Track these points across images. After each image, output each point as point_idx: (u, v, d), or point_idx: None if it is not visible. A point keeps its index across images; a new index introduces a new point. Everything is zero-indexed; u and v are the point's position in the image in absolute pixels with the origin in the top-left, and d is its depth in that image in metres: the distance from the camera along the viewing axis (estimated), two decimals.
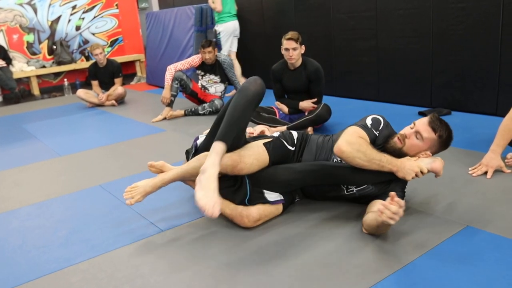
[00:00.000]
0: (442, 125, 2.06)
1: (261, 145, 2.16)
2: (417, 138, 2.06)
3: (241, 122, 2.03)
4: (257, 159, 2.09)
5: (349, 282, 1.67)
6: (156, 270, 1.86)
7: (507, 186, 2.39)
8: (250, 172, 2.09)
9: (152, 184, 2.20)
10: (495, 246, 1.82)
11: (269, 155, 2.14)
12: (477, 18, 3.75)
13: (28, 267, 1.98)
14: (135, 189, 2.20)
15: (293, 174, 2.13)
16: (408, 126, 2.12)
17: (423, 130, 2.04)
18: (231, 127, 2.00)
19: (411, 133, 2.07)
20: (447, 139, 2.08)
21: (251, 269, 1.81)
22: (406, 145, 2.07)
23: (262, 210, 2.14)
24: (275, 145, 2.21)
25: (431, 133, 2.04)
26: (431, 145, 2.07)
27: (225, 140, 1.97)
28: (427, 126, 2.04)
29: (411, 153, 2.09)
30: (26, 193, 2.93)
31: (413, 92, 4.38)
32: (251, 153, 2.09)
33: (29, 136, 4.57)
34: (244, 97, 2.05)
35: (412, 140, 2.07)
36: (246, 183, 2.15)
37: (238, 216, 2.13)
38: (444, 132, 2.05)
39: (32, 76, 7.57)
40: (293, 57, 3.67)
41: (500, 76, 3.72)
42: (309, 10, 5.25)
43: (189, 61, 4.81)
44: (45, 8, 7.81)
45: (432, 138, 2.05)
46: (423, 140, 2.05)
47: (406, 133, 2.09)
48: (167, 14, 6.77)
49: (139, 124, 4.67)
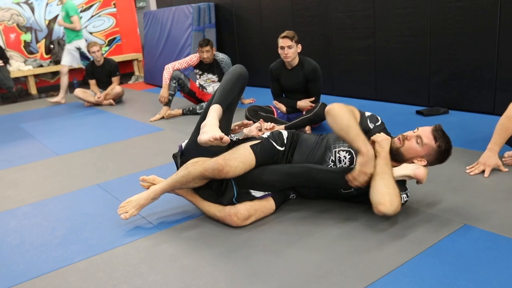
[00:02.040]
0: (444, 137, 2.06)
1: (248, 148, 2.17)
2: (417, 142, 2.07)
3: (232, 92, 2.24)
4: (243, 162, 2.10)
5: (347, 280, 1.67)
6: (155, 269, 1.86)
7: (505, 185, 2.39)
8: (236, 175, 2.10)
9: (145, 196, 2.24)
10: (492, 244, 1.83)
11: (255, 157, 2.15)
12: (474, 17, 3.75)
13: (26, 267, 1.97)
14: (128, 203, 2.24)
15: (279, 176, 2.15)
16: (411, 130, 2.14)
17: (424, 136, 2.05)
18: (223, 95, 2.21)
19: (412, 136, 2.08)
20: (445, 151, 2.07)
21: (249, 268, 1.81)
22: (404, 146, 2.08)
23: (250, 206, 2.15)
24: (263, 146, 2.22)
25: (432, 141, 2.04)
26: (428, 152, 2.07)
27: (221, 103, 2.18)
28: (430, 133, 2.06)
29: (408, 155, 2.09)
30: (23, 192, 2.93)
31: (410, 91, 4.38)
32: (236, 156, 2.11)
33: (26, 136, 4.56)
34: (236, 73, 2.27)
35: (412, 142, 2.07)
36: (232, 184, 2.16)
37: (227, 216, 2.14)
38: (444, 143, 2.05)
39: (30, 75, 7.56)
40: (288, 55, 3.66)
41: (497, 75, 3.73)
42: (306, 9, 5.25)
43: (187, 60, 4.81)
44: (43, 7, 7.79)
45: (431, 146, 2.05)
46: (422, 145, 2.06)
47: (408, 134, 2.10)
48: (165, 13, 6.76)
49: (137, 123, 4.66)
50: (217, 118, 2.10)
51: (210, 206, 2.22)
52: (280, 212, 2.28)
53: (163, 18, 6.79)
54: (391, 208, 1.93)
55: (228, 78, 2.25)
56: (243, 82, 2.29)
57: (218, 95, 2.20)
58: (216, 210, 2.19)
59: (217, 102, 2.18)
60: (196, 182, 2.14)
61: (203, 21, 6.33)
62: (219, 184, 2.19)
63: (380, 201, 1.93)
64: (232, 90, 2.23)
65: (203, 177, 2.11)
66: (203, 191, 2.23)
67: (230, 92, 2.23)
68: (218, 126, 2.05)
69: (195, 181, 2.13)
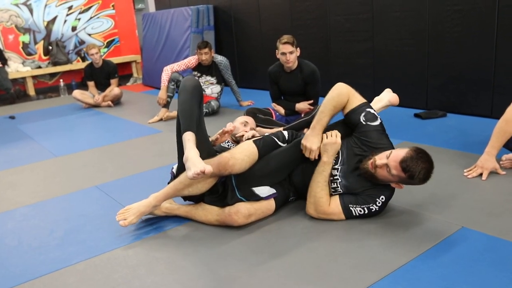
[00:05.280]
0: (417, 165, 1.89)
1: (251, 142, 2.22)
2: (387, 171, 1.97)
3: (193, 111, 2.18)
4: (248, 156, 2.14)
5: (345, 283, 1.67)
6: (153, 271, 1.86)
7: (502, 188, 2.40)
8: (242, 168, 2.12)
9: (146, 203, 2.20)
10: (490, 247, 1.84)
11: (258, 151, 2.19)
12: (473, 20, 3.77)
13: (24, 268, 1.97)
14: (128, 210, 2.21)
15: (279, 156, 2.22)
16: (386, 152, 2.01)
17: (392, 166, 1.94)
18: (188, 117, 2.15)
19: (383, 165, 1.97)
20: (420, 180, 1.94)
21: (248, 269, 1.81)
22: (376, 172, 2.02)
23: (250, 205, 2.15)
24: (265, 141, 2.26)
25: (401, 173, 1.93)
26: (401, 180, 2.00)
27: (189, 128, 2.13)
28: (398, 164, 1.92)
29: (382, 180, 2.04)
30: (21, 194, 2.92)
31: (408, 94, 4.39)
32: (241, 150, 2.16)
33: (24, 137, 4.55)
34: (186, 92, 2.22)
35: (383, 171, 1.98)
36: (232, 182, 2.18)
37: (227, 217, 2.13)
38: (416, 173, 1.90)
39: (28, 77, 7.55)
40: (290, 60, 3.67)
41: (495, 78, 3.74)
42: (305, 12, 5.26)
43: (185, 62, 4.81)
44: (41, 9, 7.79)
45: (402, 177, 1.95)
46: (392, 175, 1.96)
47: (379, 163, 1.99)
48: (163, 15, 6.76)
49: (135, 125, 4.66)
50: (194, 147, 2.06)
51: (208, 214, 2.21)
52: (279, 213, 2.28)
53: (161, 20, 6.79)
54: (315, 214, 2.16)
55: (182, 98, 2.21)
56: (197, 93, 2.23)
57: (183, 122, 2.15)
58: (216, 214, 2.18)
59: (187, 130, 2.12)
60: (200, 181, 2.12)
61: (202, 23, 6.34)
62: (223, 190, 2.20)
63: (308, 206, 2.18)
64: (192, 108, 2.18)
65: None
66: (207, 198, 2.24)
67: (192, 111, 2.17)
68: (198, 155, 2.02)
69: (199, 180, 2.10)
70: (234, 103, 5.19)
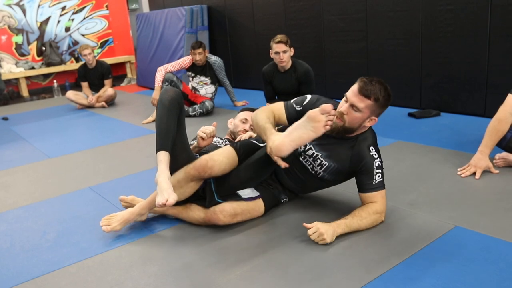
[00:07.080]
0: (375, 86, 1.92)
1: (228, 146, 2.22)
2: (354, 111, 1.96)
3: (169, 127, 2.10)
4: (227, 157, 2.13)
5: (339, 283, 1.67)
6: (146, 273, 1.85)
7: (495, 187, 2.41)
8: (221, 170, 2.10)
9: (131, 211, 2.21)
10: (483, 246, 1.84)
11: (236, 152, 2.18)
12: (466, 20, 3.79)
13: (16, 271, 1.96)
14: (113, 217, 2.21)
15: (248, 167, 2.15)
16: (342, 100, 2.00)
17: (356, 101, 1.93)
18: (164, 136, 2.08)
19: (347, 108, 1.96)
20: (385, 98, 1.95)
21: (241, 271, 1.81)
22: (347, 121, 1.99)
23: (237, 205, 2.15)
24: (243, 143, 2.26)
25: (366, 100, 1.93)
26: (371, 111, 1.97)
27: (163, 148, 2.06)
28: (358, 95, 1.93)
29: (355, 125, 2.01)
30: (14, 195, 2.90)
31: (402, 94, 4.40)
32: (219, 152, 2.16)
33: (17, 138, 4.52)
34: (162, 107, 2.12)
35: (351, 114, 1.97)
36: (211, 185, 2.18)
37: (212, 215, 2.13)
38: (379, 93, 1.92)
39: (21, 78, 7.51)
40: (284, 60, 3.68)
41: (488, 78, 3.76)
42: (299, 11, 5.26)
43: (179, 62, 4.80)
44: (34, 9, 7.74)
45: (369, 104, 1.94)
46: (360, 111, 1.95)
47: (342, 109, 1.97)
48: (157, 15, 6.75)
49: (129, 126, 4.64)
50: (166, 169, 2.02)
51: (194, 211, 2.21)
52: (270, 215, 2.27)
53: (155, 20, 6.77)
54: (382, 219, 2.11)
55: (158, 114, 2.13)
56: (174, 107, 2.13)
57: (157, 140, 2.09)
58: (201, 212, 2.19)
59: (160, 149, 2.07)
60: (182, 186, 2.11)
61: (196, 24, 6.33)
62: (204, 195, 2.20)
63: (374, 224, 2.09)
64: (168, 124, 2.10)
65: (189, 177, 2.09)
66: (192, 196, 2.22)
67: (167, 129, 2.09)
68: (169, 178, 2.00)
69: (181, 184, 2.10)
70: (228, 103, 5.19)
